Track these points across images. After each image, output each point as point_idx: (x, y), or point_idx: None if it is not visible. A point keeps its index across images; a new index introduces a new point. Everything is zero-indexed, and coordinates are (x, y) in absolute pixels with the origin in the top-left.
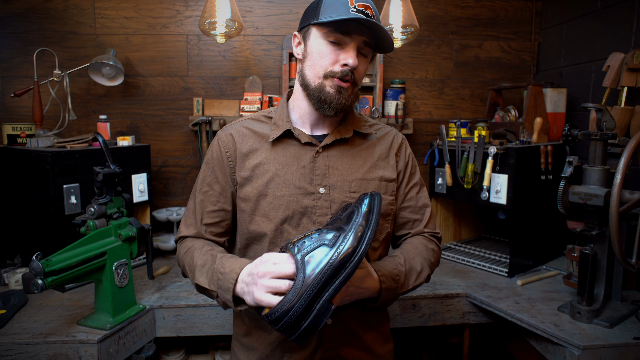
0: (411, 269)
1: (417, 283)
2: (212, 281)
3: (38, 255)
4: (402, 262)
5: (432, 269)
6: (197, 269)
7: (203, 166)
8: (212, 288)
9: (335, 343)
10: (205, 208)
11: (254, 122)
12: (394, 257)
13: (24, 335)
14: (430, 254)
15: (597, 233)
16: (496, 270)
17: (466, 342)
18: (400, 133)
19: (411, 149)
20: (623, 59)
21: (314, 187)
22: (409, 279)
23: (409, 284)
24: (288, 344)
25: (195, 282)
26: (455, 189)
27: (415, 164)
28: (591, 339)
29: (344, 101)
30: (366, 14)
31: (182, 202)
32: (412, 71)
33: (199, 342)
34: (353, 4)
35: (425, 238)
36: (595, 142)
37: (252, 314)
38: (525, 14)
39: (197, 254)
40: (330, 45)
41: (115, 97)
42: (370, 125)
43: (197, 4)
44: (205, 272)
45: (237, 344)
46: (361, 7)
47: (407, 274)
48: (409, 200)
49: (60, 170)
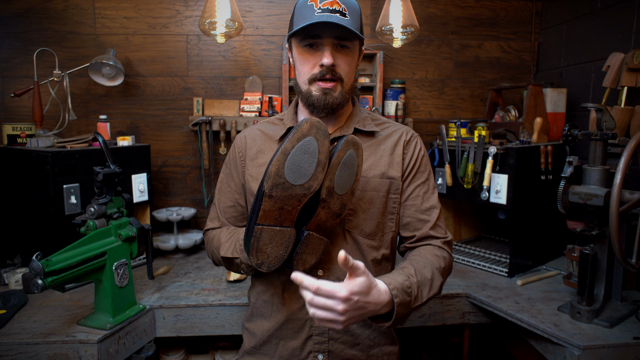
0: (424, 279)
1: (431, 294)
2: (235, 249)
3: (38, 255)
4: (412, 273)
5: (445, 276)
6: (222, 245)
7: (223, 166)
8: (235, 255)
9: (325, 337)
10: (224, 204)
11: (268, 124)
12: (402, 269)
13: (24, 335)
14: (440, 261)
15: (597, 233)
16: (496, 270)
17: (466, 342)
18: (411, 131)
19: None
20: (623, 59)
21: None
22: (422, 290)
23: (423, 296)
24: (282, 332)
25: (222, 256)
26: (455, 189)
27: (425, 164)
28: (591, 339)
29: (331, 101)
30: (332, 9)
31: (182, 202)
32: (412, 71)
33: (199, 342)
34: (317, 5)
35: (433, 247)
36: (595, 142)
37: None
38: (525, 14)
39: (222, 235)
40: (306, 52)
41: (115, 97)
42: (379, 123)
43: (197, 4)
44: (229, 245)
45: (243, 329)
46: (326, 6)
47: (419, 285)
48: (413, 199)
49: (60, 170)
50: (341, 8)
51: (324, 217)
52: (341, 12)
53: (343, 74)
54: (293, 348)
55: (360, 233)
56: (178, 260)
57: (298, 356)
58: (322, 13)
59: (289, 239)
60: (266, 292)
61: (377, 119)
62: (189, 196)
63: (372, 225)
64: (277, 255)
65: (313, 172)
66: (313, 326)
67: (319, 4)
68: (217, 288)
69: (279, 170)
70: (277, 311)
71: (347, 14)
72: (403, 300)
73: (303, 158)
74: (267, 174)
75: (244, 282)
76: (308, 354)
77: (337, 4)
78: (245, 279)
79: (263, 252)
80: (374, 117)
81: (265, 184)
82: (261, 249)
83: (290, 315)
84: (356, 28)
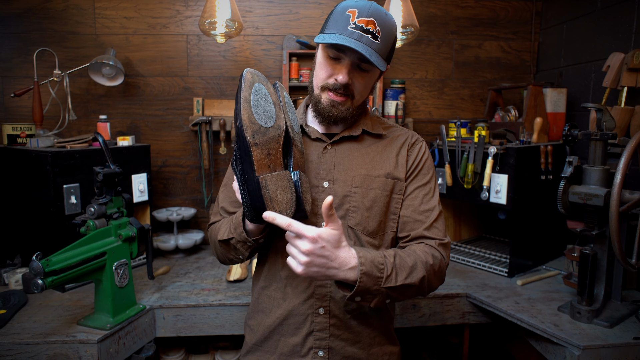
0: (403, 264)
1: (408, 282)
2: (230, 231)
3: (38, 255)
4: (392, 255)
5: (430, 274)
6: (220, 230)
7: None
8: (230, 236)
9: (325, 333)
10: (226, 199)
11: None
12: (384, 251)
13: (24, 335)
14: (428, 257)
15: (597, 233)
16: (496, 270)
17: (466, 342)
18: (417, 135)
19: (430, 154)
20: (623, 59)
21: (318, 181)
22: (398, 273)
23: (398, 280)
24: (283, 328)
25: (218, 240)
26: (455, 189)
27: (428, 167)
28: (591, 339)
29: (337, 114)
30: (366, 29)
31: (182, 202)
32: (412, 71)
33: (199, 342)
34: (354, 19)
35: (425, 245)
36: (595, 142)
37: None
38: (525, 14)
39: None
40: (328, 60)
41: (115, 97)
42: (386, 127)
43: (197, 4)
44: (225, 229)
45: (245, 326)
46: (361, 23)
47: (395, 267)
48: (412, 199)
49: (60, 170)
50: (375, 30)
51: (298, 155)
52: (373, 34)
53: (356, 92)
54: (294, 344)
55: (363, 230)
56: (178, 260)
57: (299, 353)
58: (354, 30)
59: (289, 180)
60: (269, 287)
61: (385, 123)
62: (189, 196)
63: (374, 223)
64: (288, 199)
65: (275, 113)
66: (314, 322)
67: (355, 18)
68: (217, 288)
69: (250, 118)
70: (278, 306)
71: (380, 37)
72: (370, 272)
73: (262, 102)
74: (242, 124)
75: (244, 282)
76: (309, 351)
77: (372, 25)
78: (245, 279)
79: (276, 200)
80: (382, 121)
81: (247, 134)
82: (273, 197)
83: (291, 310)
84: (384, 53)
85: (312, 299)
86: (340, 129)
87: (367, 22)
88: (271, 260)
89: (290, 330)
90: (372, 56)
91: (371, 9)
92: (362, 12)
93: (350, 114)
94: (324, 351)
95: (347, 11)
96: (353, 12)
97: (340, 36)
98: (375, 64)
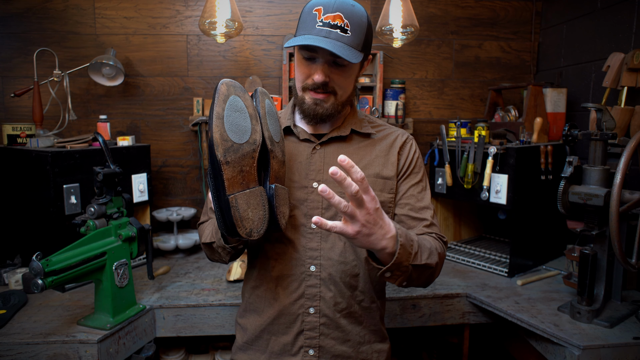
0: (423, 245)
1: (429, 262)
2: (212, 235)
3: (38, 255)
4: (413, 235)
5: (440, 260)
6: (204, 232)
7: None
8: (212, 240)
9: (316, 332)
10: None
11: None
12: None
13: (24, 335)
14: (438, 246)
15: (597, 233)
16: (496, 270)
17: (466, 342)
18: (407, 133)
19: (420, 152)
20: (623, 59)
21: (308, 182)
22: (422, 252)
23: (422, 259)
24: (274, 327)
25: (202, 242)
26: (455, 189)
27: (420, 165)
28: (591, 339)
29: (322, 112)
30: (334, 24)
31: (182, 202)
32: (412, 71)
33: (199, 342)
34: (320, 16)
35: (430, 236)
36: (595, 142)
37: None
38: (525, 14)
39: (205, 226)
40: (304, 61)
41: (115, 97)
42: (375, 126)
43: (197, 4)
44: (208, 232)
45: (236, 325)
46: (328, 19)
47: (420, 246)
48: (407, 197)
49: (60, 170)
50: (343, 24)
51: (277, 166)
52: (342, 27)
53: (337, 88)
54: (284, 343)
55: None
56: (178, 260)
57: (289, 351)
58: (322, 27)
59: (262, 197)
60: (260, 287)
61: (374, 122)
62: (189, 196)
63: None
64: (260, 216)
65: (251, 126)
66: (305, 321)
67: (322, 15)
68: (217, 288)
69: (222, 135)
70: (270, 306)
71: (349, 30)
72: (405, 244)
73: (236, 116)
74: (214, 143)
75: None
76: (299, 349)
77: (339, 19)
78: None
79: (246, 218)
80: (371, 119)
81: (217, 152)
82: (243, 216)
83: (282, 310)
84: (357, 44)
85: (303, 298)
86: (328, 128)
87: (334, 17)
88: (261, 262)
89: (281, 329)
90: (343, 50)
91: (336, 3)
92: (328, 8)
93: (336, 110)
94: (314, 350)
95: (313, 10)
96: (319, 10)
97: (309, 36)
98: (346, 58)
